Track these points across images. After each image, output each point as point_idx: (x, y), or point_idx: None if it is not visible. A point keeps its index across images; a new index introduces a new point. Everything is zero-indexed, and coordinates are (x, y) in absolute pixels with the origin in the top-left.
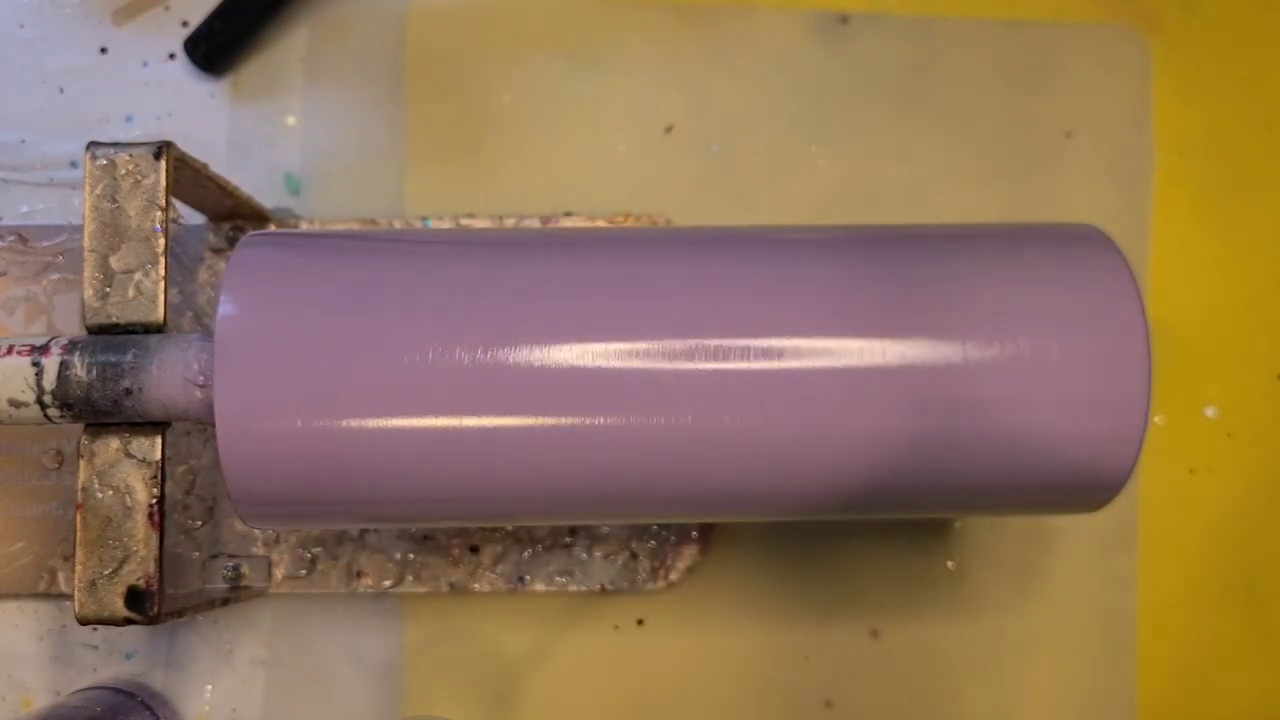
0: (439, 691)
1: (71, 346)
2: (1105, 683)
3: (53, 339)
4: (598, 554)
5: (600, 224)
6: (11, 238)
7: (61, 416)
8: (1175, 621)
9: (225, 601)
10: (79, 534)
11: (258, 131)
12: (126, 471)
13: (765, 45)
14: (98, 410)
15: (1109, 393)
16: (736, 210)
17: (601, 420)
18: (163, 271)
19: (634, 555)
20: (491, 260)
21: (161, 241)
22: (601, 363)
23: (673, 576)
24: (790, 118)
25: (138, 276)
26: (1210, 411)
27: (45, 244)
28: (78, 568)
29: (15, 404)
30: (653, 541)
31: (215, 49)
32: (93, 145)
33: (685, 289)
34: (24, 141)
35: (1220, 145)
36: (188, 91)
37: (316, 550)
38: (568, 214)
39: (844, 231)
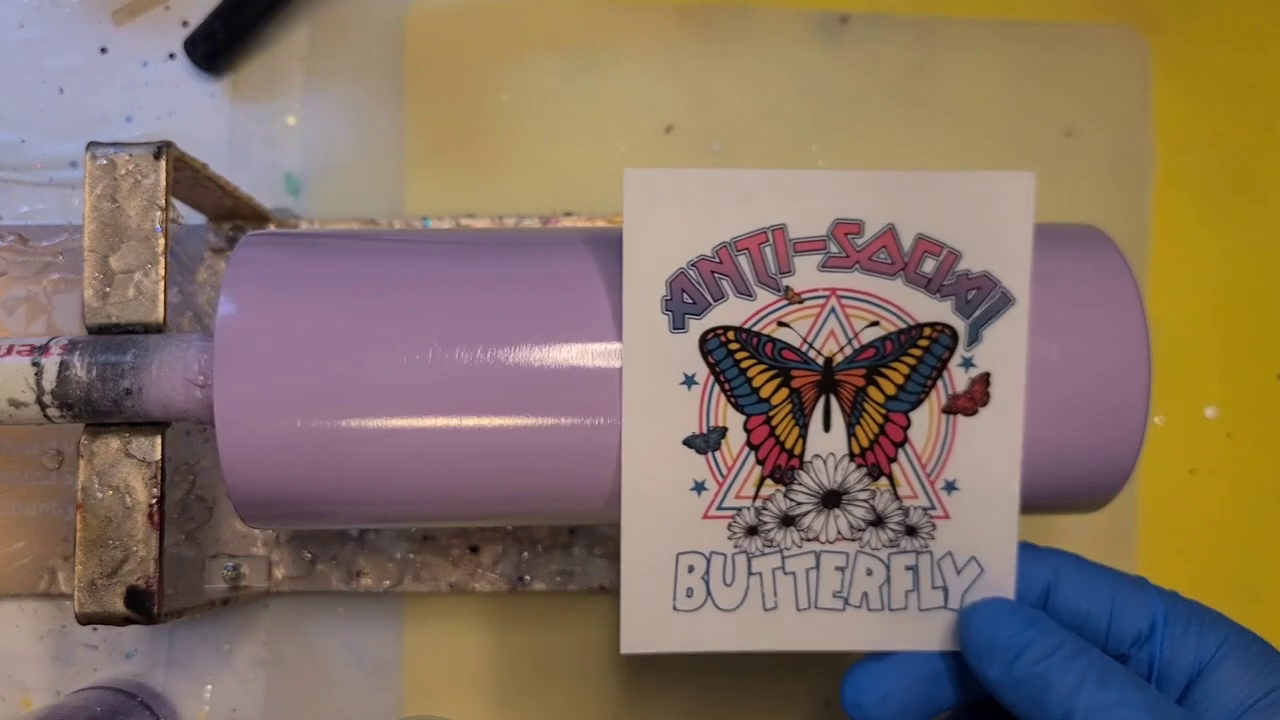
0: (439, 691)
1: (71, 346)
2: None
3: (53, 339)
4: (597, 554)
5: (600, 224)
6: (11, 238)
7: (61, 416)
8: None
9: (225, 601)
10: (79, 534)
11: (258, 131)
12: (126, 471)
13: (765, 45)
14: (98, 410)
15: (1109, 393)
16: None
17: (602, 420)
18: (163, 271)
19: None
20: (491, 260)
21: (161, 241)
22: (601, 363)
23: None
24: (790, 118)
25: (138, 276)
26: (1210, 411)
27: (45, 244)
28: (78, 567)
29: (15, 404)
30: None
31: (215, 49)
32: (93, 145)
33: None
34: (24, 141)
35: (1220, 145)
36: (188, 91)
37: (316, 550)
38: (568, 214)
39: None
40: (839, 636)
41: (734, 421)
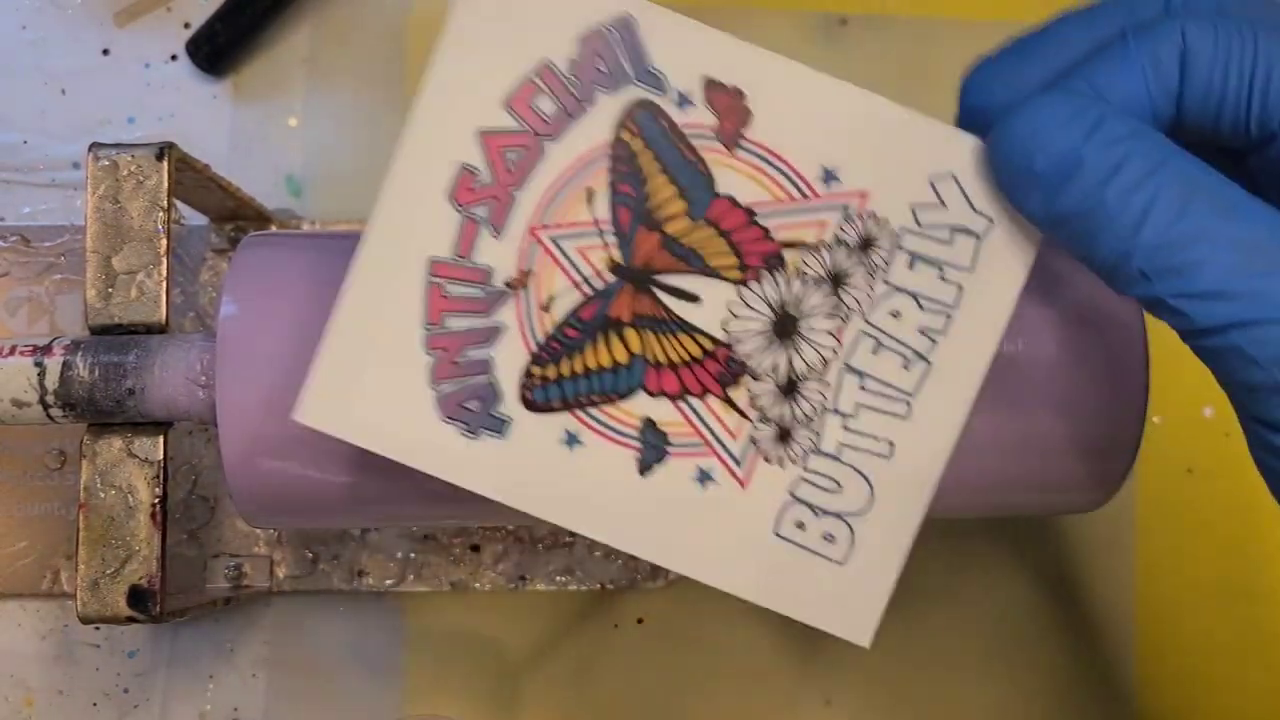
0: (440, 690)
1: (74, 347)
2: (1103, 681)
3: (55, 339)
4: (598, 553)
5: None
6: (14, 238)
7: (64, 416)
8: (1172, 621)
9: (227, 601)
10: (81, 533)
11: (259, 133)
12: (129, 471)
13: (765, 46)
14: (100, 410)
15: (1107, 392)
16: None
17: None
18: (165, 272)
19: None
20: None
21: (164, 242)
22: None
23: (672, 575)
24: None
25: (140, 277)
26: (1208, 411)
27: (48, 245)
28: (80, 567)
29: (18, 404)
30: None
31: (217, 50)
32: (95, 146)
33: None
34: (26, 142)
35: None
36: (190, 93)
37: (318, 549)
38: None
39: None
40: None
41: None
